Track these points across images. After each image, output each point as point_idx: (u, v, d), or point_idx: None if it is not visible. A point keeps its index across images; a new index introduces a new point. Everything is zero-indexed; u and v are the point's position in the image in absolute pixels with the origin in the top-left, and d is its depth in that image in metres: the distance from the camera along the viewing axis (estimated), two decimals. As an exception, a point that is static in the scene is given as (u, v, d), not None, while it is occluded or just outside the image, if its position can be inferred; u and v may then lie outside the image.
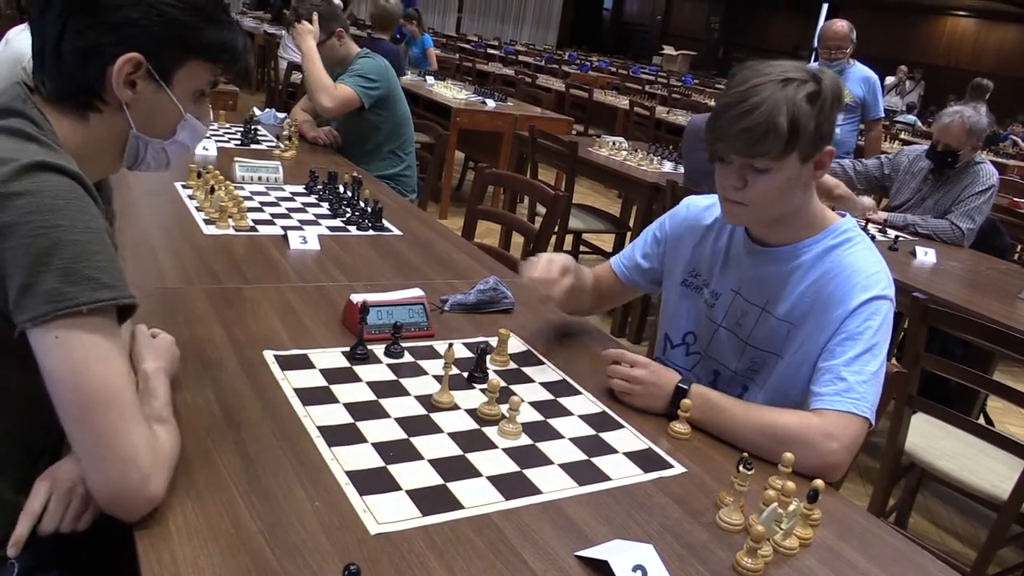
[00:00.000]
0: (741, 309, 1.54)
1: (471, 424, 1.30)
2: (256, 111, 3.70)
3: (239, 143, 3.15)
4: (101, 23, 1.03)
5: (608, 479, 1.21)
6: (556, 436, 1.31)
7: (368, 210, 2.31)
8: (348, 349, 1.47)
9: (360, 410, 1.29)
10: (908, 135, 9.24)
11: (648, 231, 1.74)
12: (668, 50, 18.51)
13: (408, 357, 1.49)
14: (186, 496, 1.01)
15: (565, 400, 1.43)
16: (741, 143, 1.34)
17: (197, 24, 1.08)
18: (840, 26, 4.64)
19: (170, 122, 1.14)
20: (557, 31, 21.43)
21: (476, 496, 1.11)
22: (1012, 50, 16.53)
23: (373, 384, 1.38)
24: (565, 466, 1.22)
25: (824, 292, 1.42)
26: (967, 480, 2.19)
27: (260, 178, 2.60)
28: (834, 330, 1.39)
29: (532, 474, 1.19)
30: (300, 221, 2.26)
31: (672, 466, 1.27)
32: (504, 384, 1.42)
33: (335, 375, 1.38)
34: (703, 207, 1.65)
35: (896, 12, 17.55)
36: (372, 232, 2.26)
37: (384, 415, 1.28)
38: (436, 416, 1.31)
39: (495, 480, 1.16)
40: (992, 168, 3.44)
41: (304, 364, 1.40)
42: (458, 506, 1.08)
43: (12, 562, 1.01)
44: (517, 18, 21.00)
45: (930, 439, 2.34)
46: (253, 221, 2.16)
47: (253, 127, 3.23)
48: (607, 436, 1.33)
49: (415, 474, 1.14)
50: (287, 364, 1.39)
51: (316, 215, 2.34)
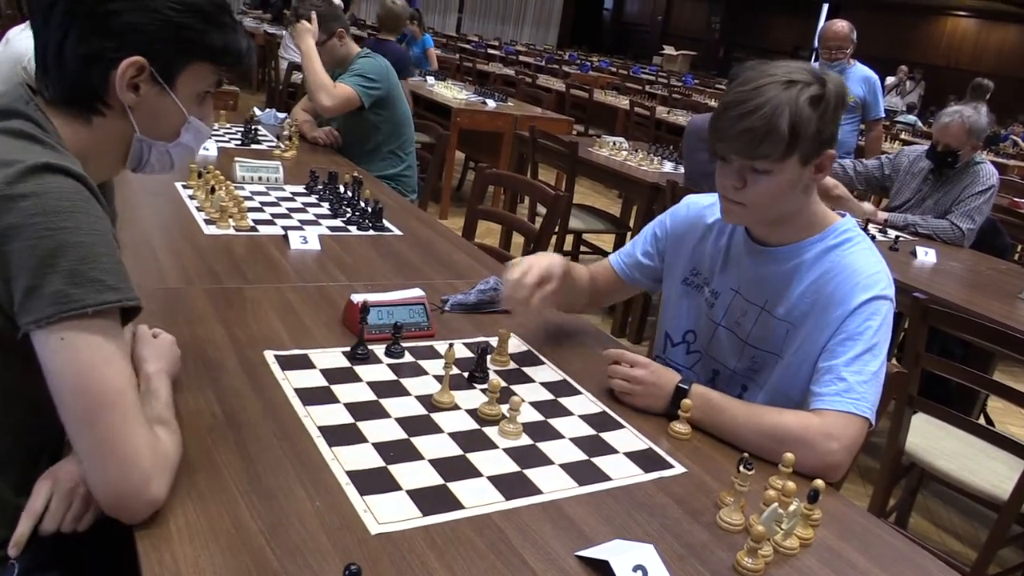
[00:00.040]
0: (741, 309, 1.54)
1: (471, 424, 1.30)
2: (256, 111, 3.70)
3: (239, 143, 3.15)
4: (104, 28, 1.03)
5: (608, 479, 1.21)
6: (556, 436, 1.31)
7: (368, 210, 2.31)
8: (348, 349, 1.47)
9: (360, 410, 1.29)
10: (908, 135, 9.23)
11: (648, 229, 1.74)
12: (668, 50, 18.50)
13: (408, 357, 1.50)
14: (187, 496, 1.01)
15: (565, 400, 1.43)
16: (742, 144, 1.34)
17: (200, 27, 1.08)
18: (840, 26, 4.64)
19: (174, 125, 1.14)
20: (557, 31, 21.44)
21: (476, 496, 1.11)
22: (1013, 50, 16.52)
23: (373, 384, 1.38)
24: (565, 466, 1.22)
25: (824, 292, 1.42)
26: (967, 480, 2.19)
27: (260, 178, 2.60)
28: (834, 330, 1.39)
29: (532, 474, 1.19)
30: (300, 221, 2.26)
31: (672, 466, 1.27)
32: (504, 384, 1.43)
33: (335, 375, 1.38)
34: (704, 206, 1.65)
35: (896, 12, 17.54)
36: (372, 232, 2.26)
37: (384, 415, 1.29)
38: (436, 416, 1.31)
39: (495, 480, 1.16)
40: (992, 168, 3.44)
41: (304, 364, 1.40)
42: (458, 506, 1.08)
43: (12, 562, 1.01)
44: (517, 18, 21.00)
45: (930, 439, 2.34)
46: (253, 221, 2.16)
47: (253, 127, 3.23)
48: (607, 436, 1.33)
49: (416, 474, 1.14)
50: (287, 364, 1.39)
51: (316, 215, 2.34)
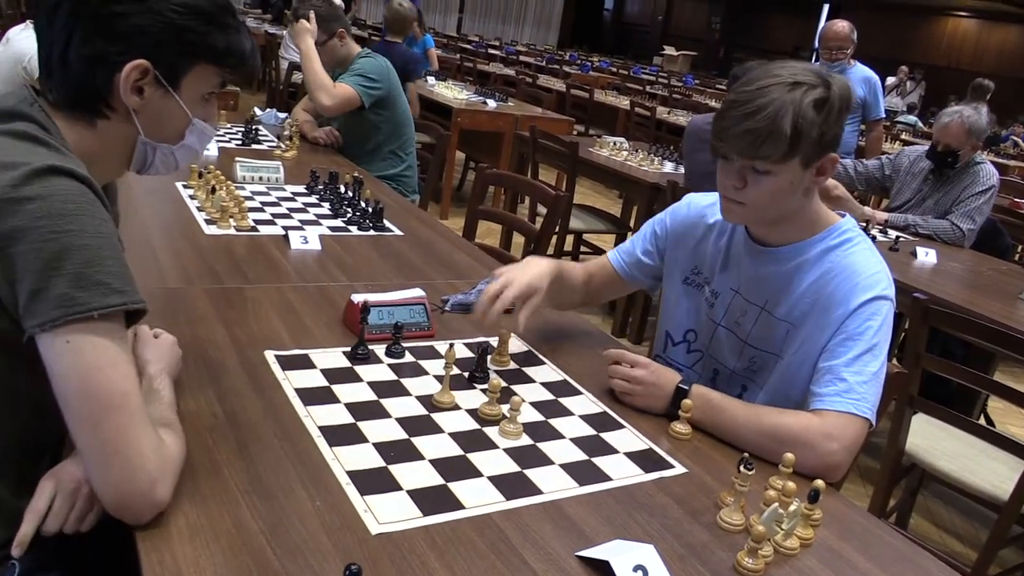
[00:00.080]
0: (741, 308, 1.54)
1: (472, 424, 1.30)
2: (257, 111, 3.70)
3: (240, 143, 3.15)
4: (108, 31, 1.02)
5: (609, 479, 1.21)
6: (557, 436, 1.31)
7: (369, 210, 2.31)
8: (349, 349, 1.47)
9: (361, 410, 1.29)
10: (909, 136, 9.23)
11: (648, 227, 1.73)
12: (669, 50, 18.49)
13: (409, 357, 1.50)
14: (187, 496, 1.01)
15: (566, 400, 1.43)
16: (743, 144, 1.34)
17: (204, 29, 1.08)
18: (841, 27, 4.64)
19: (178, 127, 1.14)
20: (558, 31, 21.44)
21: (477, 496, 1.11)
22: (1013, 51, 16.51)
23: (374, 384, 1.38)
24: (566, 466, 1.22)
25: (824, 292, 1.42)
26: (968, 481, 2.19)
27: (261, 178, 2.60)
28: (834, 330, 1.39)
29: (533, 474, 1.19)
30: (301, 221, 2.26)
31: (673, 466, 1.27)
32: (505, 384, 1.43)
33: (336, 375, 1.38)
34: (704, 205, 1.65)
35: (897, 12, 17.54)
36: (373, 232, 2.26)
37: (385, 415, 1.29)
38: (437, 416, 1.31)
39: (496, 480, 1.16)
40: (992, 168, 3.44)
41: (305, 364, 1.41)
42: (459, 506, 1.09)
43: (13, 562, 1.01)
44: (518, 18, 21.00)
45: (931, 440, 2.34)
46: (254, 221, 2.16)
47: (254, 127, 3.23)
48: (608, 436, 1.33)
49: (416, 474, 1.14)
50: (288, 364, 1.39)
51: (317, 215, 2.34)
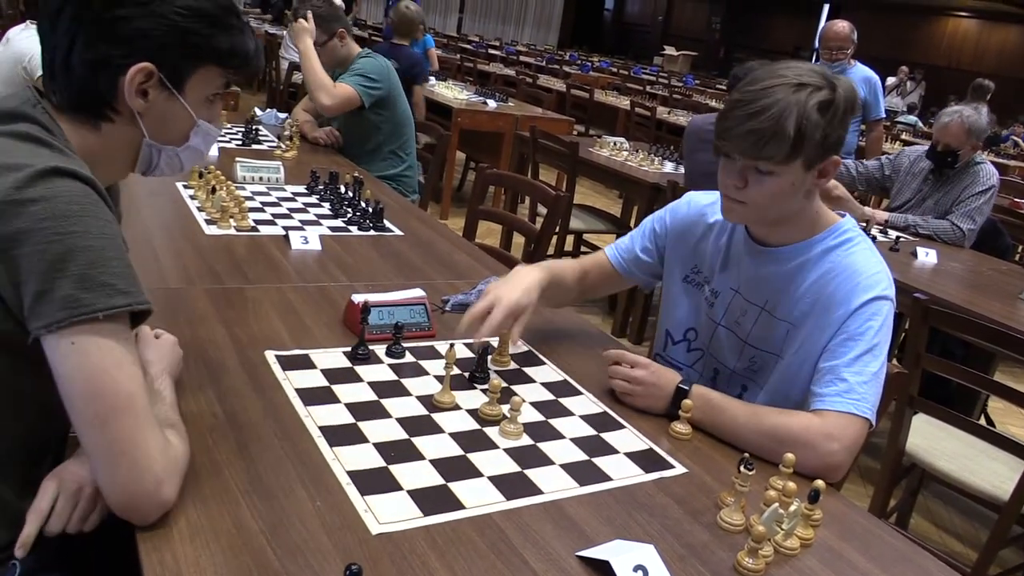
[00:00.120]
0: (741, 308, 1.54)
1: (472, 424, 1.30)
2: (257, 111, 3.70)
3: (240, 143, 3.15)
4: (111, 35, 1.02)
5: (609, 479, 1.21)
6: (557, 436, 1.31)
7: (369, 210, 2.31)
8: (349, 349, 1.47)
9: (361, 410, 1.29)
10: (909, 136, 9.23)
11: (647, 224, 1.73)
12: (669, 50, 18.49)
13: (409, 357, 1.50)
14: (188, 496, 1.00)
15: (566, 400, 1.43)
16: (746, 144, 1.33)
17: (208, 31, 1.07)
18: (841, 27, 4.64)
19: (183, 129, 1.14)
20: (558, 32, 21.44)
21: (477, 496, 1.11)
22: (1014, 51, 16.51)
23: (374, 384, 1.38)
24: (566, 466, 1.22)
25: (825, 292, 1.42)
26: (968, 481, 2.19)
27: (261, 178, 2.60)
28: (835, 331, 1.39)
29: (533, 474, 1.19)
30: (301, 221, 2.26)
31: (673, 466, 1.27)
32: (505, 384, 1.43)
33: (336, 375, 1.38)
34: (704, 204, 1.65)
35: (897, 13, 17.54)
36: (373, 232, 2.26)
37: (385, 415, 1.29)
38: (437, 416, 1.31)
39: (496, 480, 1.16)
40: (992, 168, 3.44)
41: (305, 364, 1.41)
42: (459, 506, 1.09)
43: (14, 562, 1.01)
44: (518, 18, 21.00)
45: (931, 440, 2.34)
46: (254, 221, 2.16)
47: (254, 127, 3.23)
48: (608, 436, 1.33)
49: (416, 474, 1.14)
50: (288, 364, 1.39)
51: (317, 215, 2.34)
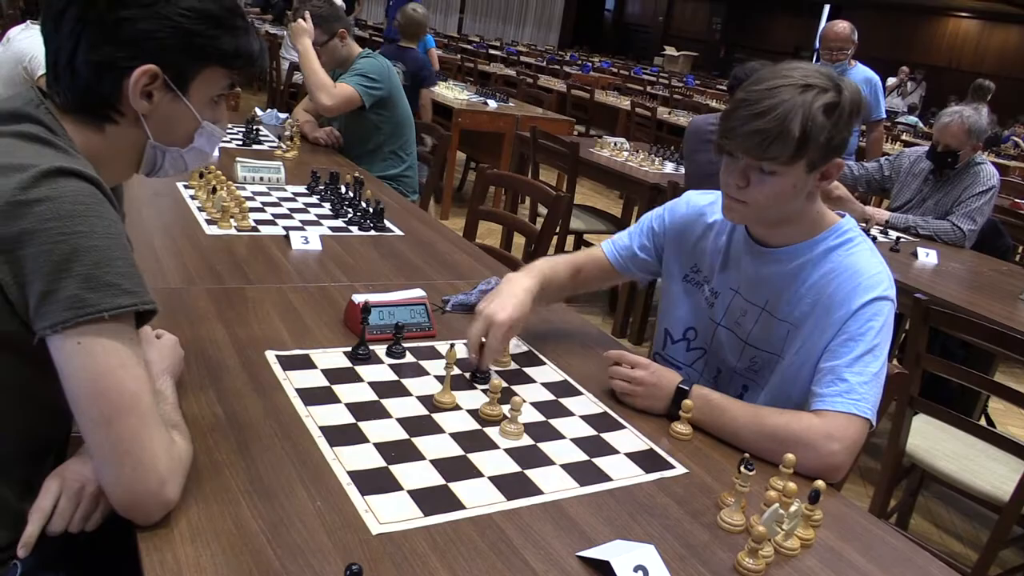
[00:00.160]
0: (741, 309, 1.54)
1: (473, 424, 1.30)
2: (258, 111, 3.71)
3: (241, 143, 3.15)
4: (115, 37, 1.02)
5: (609, 479, 1.21)
6: (557, 436, 1.31)
7: (370, 210, 2.31)
8: (350, 349, 1.47)
9: (362, 410, 1.29)
10: (909, 136, 9.23)
11: (645, 222, 1.72)
12: (670, 51, 18.49)
13: (410, 357, 1.50)
14: (188, 496, 1.00)
15: (566, 401, 1.43)
16: (751, 144, 1.33)
17: (211, 33, 1.07)
18: (841, 27, 4.64)
19: (187, 130, 1.14)
20: (559, 32, 21.44)
21: (478, 496, 1.11)
22: (1014, 51, 16.51)
23: (375, 384, 1.38)
24: (566, 466, 1.22)
25: (825, 293, 1.42)
26: (968, 481, 2.19)
27: (262, 178, 2.60)
28: (836, 331, 1.39)
29: (534, 474, 1.19)
30: (302, 221, 2.26)
31: (673, 467, 1.27)
32: (505, 384, 1.43)
33: (337, 375, 1.39)
34: (704, 204, 1.64)
35: (898, 13, 17.54)
36: (374, 232, 2.26)
37: (386, 415, 1.29)
38: (438, 416, 1.31)
39: (497, 480, 1.16)
40: (993, 169, 3.44)
41: (306, 364, 1.41)
42: (460, 506, 1.09)
43: (15, 562, 1.01)
44: (519, 19, 21.00)
45: (931, 440, 2.34)
46: (255, 221, 2.17)
47: (255, 127, 3.23)
48: (608, 437, 1.33)
49: (417, 474, 1.14)
50: (289, 364, 1.39)
51: (318, 215, 2.34)
